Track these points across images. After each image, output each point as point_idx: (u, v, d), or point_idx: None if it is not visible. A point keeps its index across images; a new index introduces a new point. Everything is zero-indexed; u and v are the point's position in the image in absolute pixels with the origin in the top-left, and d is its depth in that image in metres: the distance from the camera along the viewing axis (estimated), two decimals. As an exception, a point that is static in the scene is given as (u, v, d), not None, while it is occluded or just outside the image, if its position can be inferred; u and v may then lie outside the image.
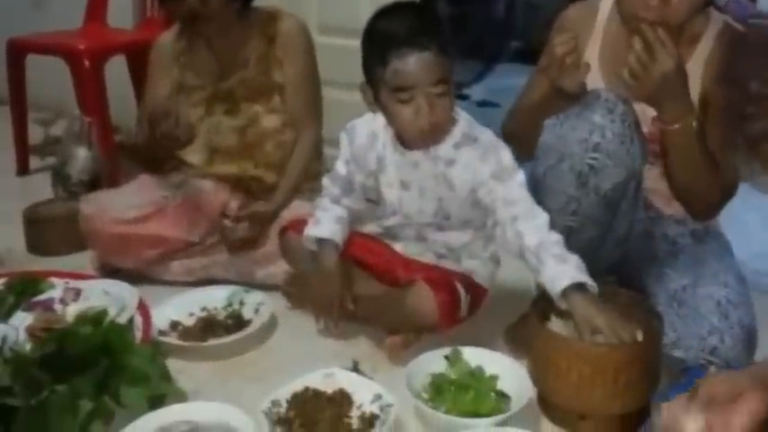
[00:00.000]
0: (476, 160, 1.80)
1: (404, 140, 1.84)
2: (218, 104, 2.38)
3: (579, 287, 1.63)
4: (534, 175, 1.79)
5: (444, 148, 1.82)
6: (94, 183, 2.78)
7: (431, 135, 1.78)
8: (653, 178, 1.87)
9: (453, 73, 1.75)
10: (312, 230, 1.98)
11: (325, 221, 1.97)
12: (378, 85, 1.76)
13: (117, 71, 3.25)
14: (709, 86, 1.74)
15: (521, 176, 1.78)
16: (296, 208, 2.29)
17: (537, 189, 1.78)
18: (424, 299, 1.85)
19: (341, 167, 1.98)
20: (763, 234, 2.14)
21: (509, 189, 1.77)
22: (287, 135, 2.37)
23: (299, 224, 2.06)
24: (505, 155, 1.79)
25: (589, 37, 1.90)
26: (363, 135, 1.92)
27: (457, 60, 1.78)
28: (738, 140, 0.98)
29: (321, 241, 1.97)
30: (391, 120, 1.80)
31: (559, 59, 1.65)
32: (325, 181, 2.04)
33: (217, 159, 2.39)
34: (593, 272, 1.76)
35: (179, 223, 2.30)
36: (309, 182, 2.40)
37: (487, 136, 1.83)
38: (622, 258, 1.89)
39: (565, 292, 1.63)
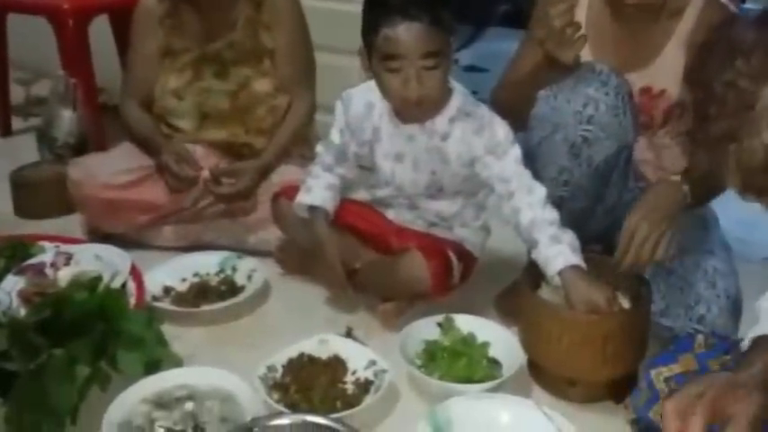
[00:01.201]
0: (470, 134, 1.81)
1: (400, 113, 1.85)
2: (206, 68, 2.36)
3: (572, 266, 1.66)
4: (527, 145, 1.80)
5: (440, 122, 1.82)
6: (81, 145, 2.76)
7: (418, 107, 1.78)
8: (641, 149, 1.89)
9: (450, 47, 1.75)
10: (302, 198, 1.98)
11: (316, 189, 1.98)
12: (371, 52, 1.76)
13: (99, 31, 3.20)
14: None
15: (516, 151, 1.79)
16: (288, 174, 2.28)
17: (530, 159, 1.80)
18: (417, 266, 1.87)
19: (335, 136, 1.98)
20: (746, 202, 2.17)
21: (504, 165, 1.78)
22: (279, 100, 2.36)
23: (292, 190, 2.06)
24: (500, 129, 1.80)
25: (576, 7, 1.90)
26: (360, 105, 1.92)
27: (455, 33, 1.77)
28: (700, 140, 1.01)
29: (311, 209, 1.97)
30: (381, 88, 1.80)
31: (558, 31, 1.64)
32: (319, 148, 2.04)
33: (207, 124, 2.37)
34: (582, 240, 1.79)
35: (170, 189, 2.30)
36: (299, 147, 2.41)
37: (483, 111, 1.83)
38: (611, 227, 1.91)
39: (558, 273, 1.67)
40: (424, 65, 1.70)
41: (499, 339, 1.80)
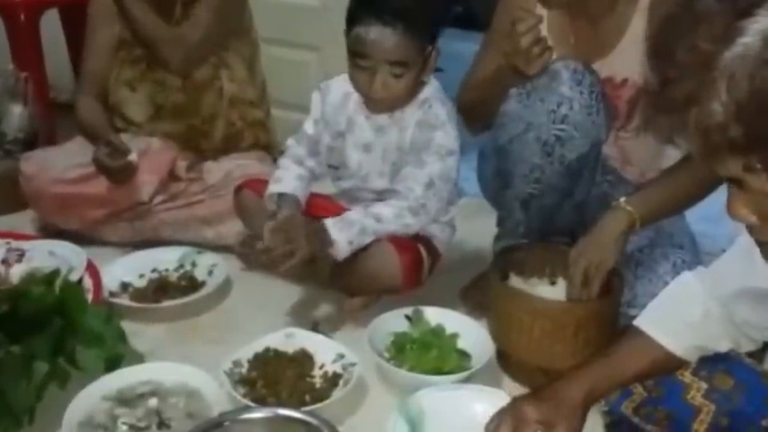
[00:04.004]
0: (414, 124, 1.83)
1: (369, 104, 1.85)
2: None
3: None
4: (497, 142, 1.79)
5: (408, 113, 1.84)
6: (31, 141, 2.68)
7: (376, 106, 1.82)
8: (607, 144, 1.88)
9: (424, 55, 1.77)
10: (273, 188, 1.93)
11: (286, 178, 1.94)
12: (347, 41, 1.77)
13: (48, 26, 3.12)
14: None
15: (434, 168, 1.80)
16: (250, 168, 2.25)
17: (500, 156, 1.79)
18: (387, 260, 1.83)
19: (309, 127, 1.96)
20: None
21: (411, 171, 1.81)
22: (223, 81, 2.31)
23: (254, 183, 2.04)
24: (440, 138, 1.81)
25: (535, 8, 1.89)
26: (337, 95, 1.91)
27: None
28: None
29: (282, 196, 1.91)
30: (349, 77, 1.82)
31: (525, 51, 1.62)
32: (290, 141, 2.01)
33: (163, 116, 2.33)
34: (550, 234, 1.79)
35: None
36: (253, 129, 2.37)
37: (443, 112, 1.83)
38: (580, 220, 1.91)
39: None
40: (390, 71, 1.73)
41: (468, 331, 1.79)
